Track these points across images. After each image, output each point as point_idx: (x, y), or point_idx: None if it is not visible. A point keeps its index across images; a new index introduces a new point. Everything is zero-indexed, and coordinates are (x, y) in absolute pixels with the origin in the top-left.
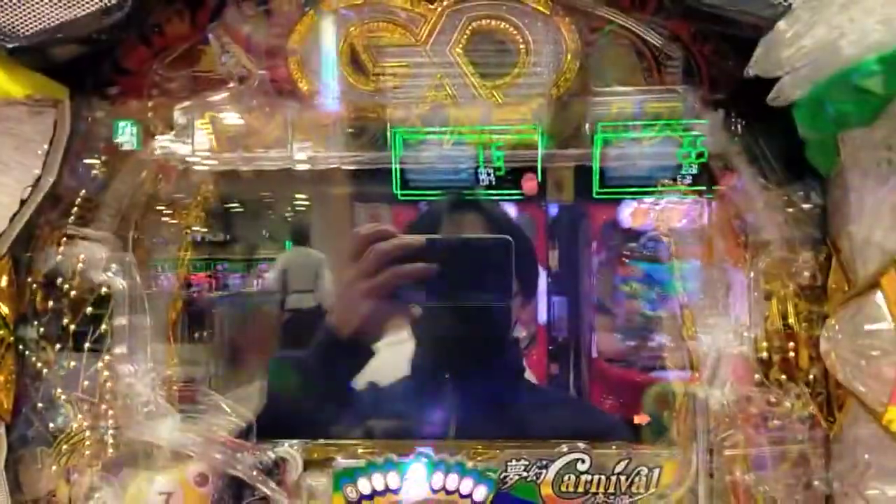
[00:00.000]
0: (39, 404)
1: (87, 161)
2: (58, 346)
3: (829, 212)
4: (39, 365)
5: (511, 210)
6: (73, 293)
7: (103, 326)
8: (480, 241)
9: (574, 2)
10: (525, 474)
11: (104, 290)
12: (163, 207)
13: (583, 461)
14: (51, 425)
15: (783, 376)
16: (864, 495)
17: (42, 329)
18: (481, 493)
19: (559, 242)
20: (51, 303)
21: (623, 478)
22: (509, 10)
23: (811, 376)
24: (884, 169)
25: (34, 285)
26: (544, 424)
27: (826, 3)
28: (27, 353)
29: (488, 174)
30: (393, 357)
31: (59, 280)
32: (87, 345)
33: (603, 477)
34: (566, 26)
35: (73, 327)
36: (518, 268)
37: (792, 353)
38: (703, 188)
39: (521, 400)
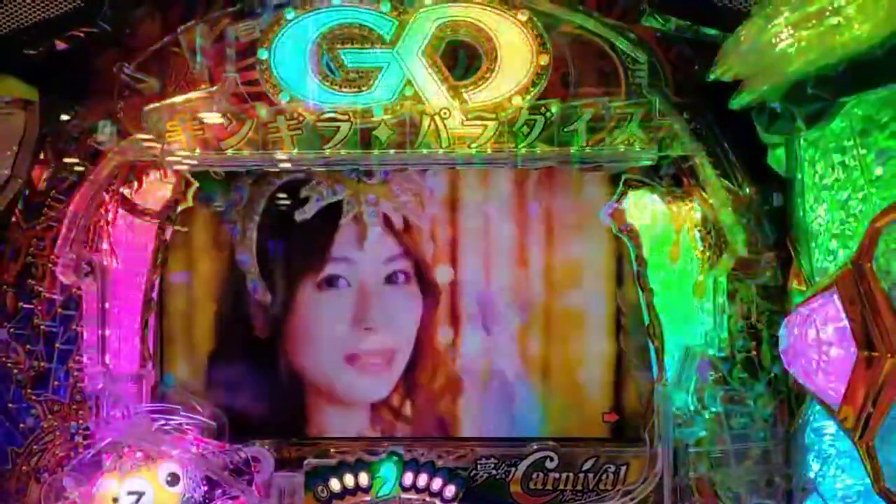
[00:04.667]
0: (10, 405)
1: (57, 162)
2: (28, 346)
3: (789, 213)
4: (10, 365)
5: None
6: (44, 294)
7: (74, 327)
8: None
9: (542, 7)
10: (494, 472)
11: (75, 290)
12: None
13: (551, 459)
14: (21, 425)
15: (746, 375)
16: (820, 490)
17: (13, 330)
18: (451, 490)
19: None
20: (22, 304)
21: (591, 475)
22: (478, 14)
23: (773, 374)
24: (839, 172)
25: (5, 286)
26: None
27: (779, 12)
28: None
29: None
30: None
31: (31, 281)
32: (57, 345)
33: (571, 474)
34: (535, 31)
35: (44, 328)
36: None
37: (754, 353)
38: (671, 189)
39: None
